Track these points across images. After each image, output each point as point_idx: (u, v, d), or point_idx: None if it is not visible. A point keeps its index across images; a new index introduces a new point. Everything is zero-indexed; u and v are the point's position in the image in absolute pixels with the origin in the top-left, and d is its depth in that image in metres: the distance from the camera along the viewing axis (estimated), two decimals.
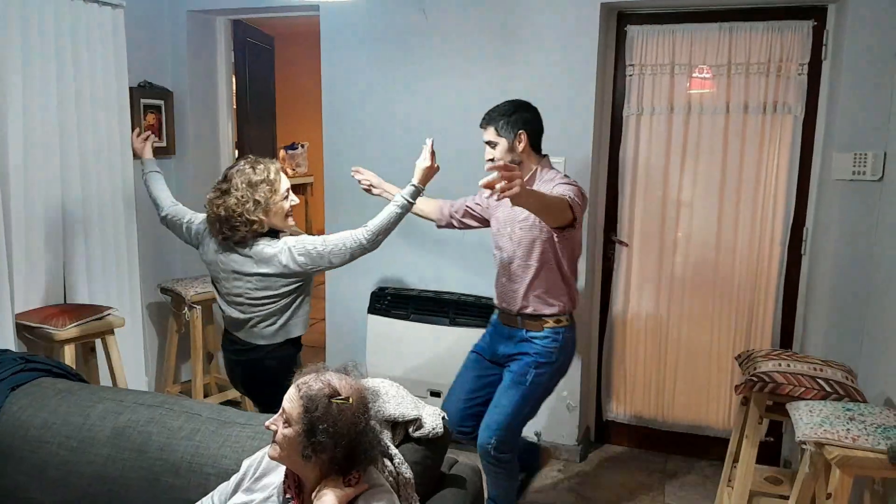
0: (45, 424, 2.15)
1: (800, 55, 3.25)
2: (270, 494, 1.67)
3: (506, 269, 2.80)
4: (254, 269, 2.50)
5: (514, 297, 2.77)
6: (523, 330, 2.78)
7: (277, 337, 2.63)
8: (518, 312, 2.78)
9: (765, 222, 3.42)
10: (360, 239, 2.55)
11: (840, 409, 2.24)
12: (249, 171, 2.48)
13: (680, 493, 3.33)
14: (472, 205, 3.01)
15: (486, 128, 2.73)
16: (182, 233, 2.74)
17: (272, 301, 2.56)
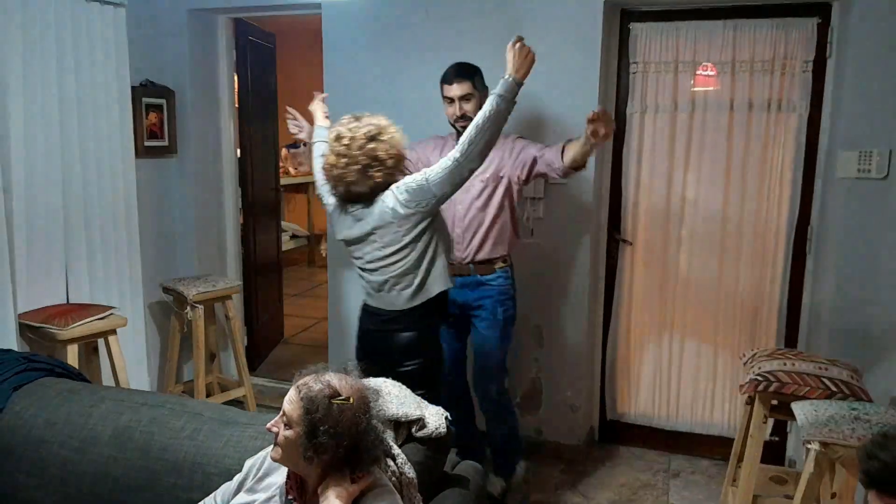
0: (48, 424, 2.15)
1: (804, 53, 3.24)
2: (273, 494, 1.67)
3: (460, 221, 2.92)
4: (374, 225, 2.46)
5: (468, 246, 2.93)
6: (476, 275, 2.96)
7: (416, 299, 2.53)
8: (471, 261, 2.95)
9: (769, 221, 3.41)
10: (453, 156, 2.41)
11: (845, 408, 2.23)
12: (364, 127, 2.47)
13: (684, 493, 3.32)
14: (406, 162, 2.89)
15: (462, 82, 2.84)
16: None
17: (403, 255, 2.47)
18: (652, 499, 3.28)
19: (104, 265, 3.54)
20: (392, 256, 2.48)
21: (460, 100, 2.84)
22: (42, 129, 3.19)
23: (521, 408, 3.68)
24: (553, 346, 3.58)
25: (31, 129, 3.14)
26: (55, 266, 3.32)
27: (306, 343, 5.48)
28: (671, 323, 3.63)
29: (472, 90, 2.84)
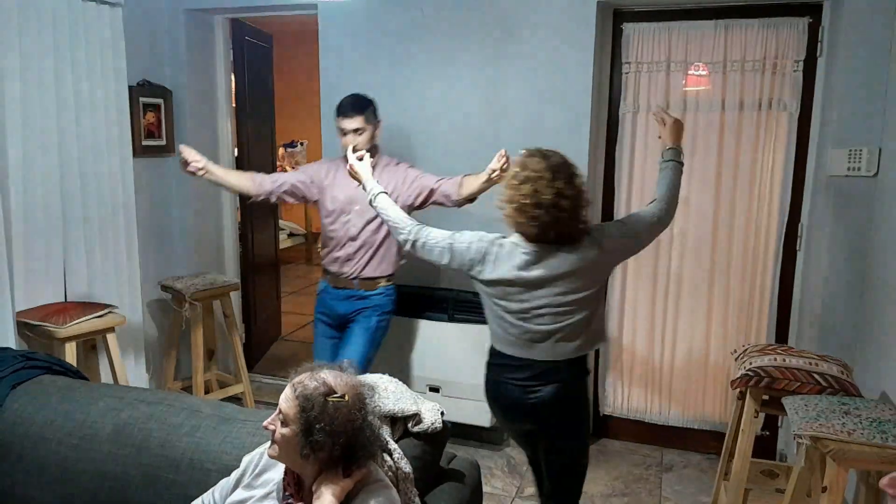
0: (46, 422, 2.16)
1: (795, 52, 3.27)
2: (270, 491, 1.68)
3: (352, 240, 3.11)
4: (571, 268, 2.19)
5: (356, 264, 3.14)
6: (360, 290, 3.17)
7: (582, 349, 2.28)
8: (356, 277, 3.15)
9: (760, 218, 3.44)
10: (657, 214, 2.34)
11: (835, 403, 2.25)
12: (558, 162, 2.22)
13: (676, 487, 3.36)
14: (298, 183, 3.20)
15: (355, 116, 2.99)
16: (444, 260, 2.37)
17: (587, 301, 2.24)
18: (645, 493, 3.31)
19: (102, 263, 3.55)
20: (577, 303, 2.22)
21: (353, 132, 2.99)
22: (40, 128, 3.20)
23: None
24: None
25: (28, 128, 3.15)
26: (53, 264, 3.33)
27: (303, 340, 5.50)
28: (663, 319, 3.66)
29: (364, 124, 3.00)
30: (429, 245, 2.37)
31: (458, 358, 3.49)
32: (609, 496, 3.27)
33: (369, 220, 3.08)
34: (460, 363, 3.49)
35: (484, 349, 3.43)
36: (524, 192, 2.15)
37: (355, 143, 2.95)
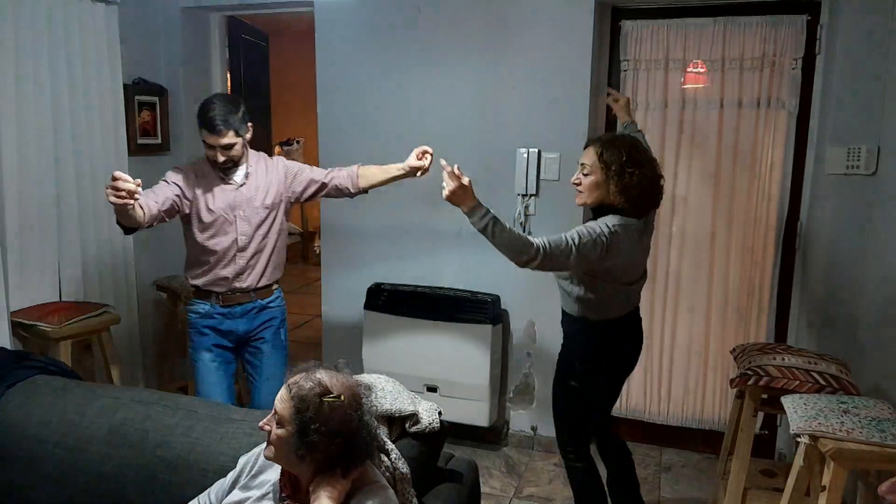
0: (42, 422, 2.15)
1: (794, 50, 3.26)
2: (267, 492, 1.67)
3: (241, 251, 2.81)
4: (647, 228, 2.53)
5: (252, 275, 2.86)
6: (258, 300, 2.91)
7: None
8: (253, 288, 2.88)
9: (759, 217, 3.43)
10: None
11: (834, 402, 2.25)
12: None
13: (675, 487, 3.35)
14: (175, 197, 2.74)
15: (227, 132, 2.65)
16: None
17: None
18: (644, 492, 3.28)
19: (97, 263, 3.54)
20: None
21: (223, 149, 2.68)
22: (34, 127, 3.18)
23: (513, 403, 3.71)
24: (545, 342, 3.59)
25: (23, 127, 3.13)
26: (48, 264, 3.32)
27: (299, 340, 5.48)
28: (662, 318, 3.65)
29: (236, 138, 2.69)
30: (555, 254, 2.24)
31: (456, 358, 3.48)
32: None
33: (259, 225, 2.81)
34: (458, 363, 3.48)
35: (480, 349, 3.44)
36: (657, 171, 2.39)
37: (224, 158, 2.69)
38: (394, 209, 3.71)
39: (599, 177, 2.36)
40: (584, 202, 2.45)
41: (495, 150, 3.50)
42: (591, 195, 2.40)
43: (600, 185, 2.36)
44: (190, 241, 2.85)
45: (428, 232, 3.67)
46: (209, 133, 2.66)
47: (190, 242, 2.86)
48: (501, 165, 3.52)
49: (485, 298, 3.47)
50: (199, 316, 2.89)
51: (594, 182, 2.38)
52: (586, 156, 2.41)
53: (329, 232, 3.92)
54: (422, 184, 3.55)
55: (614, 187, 2.33)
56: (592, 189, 2.39)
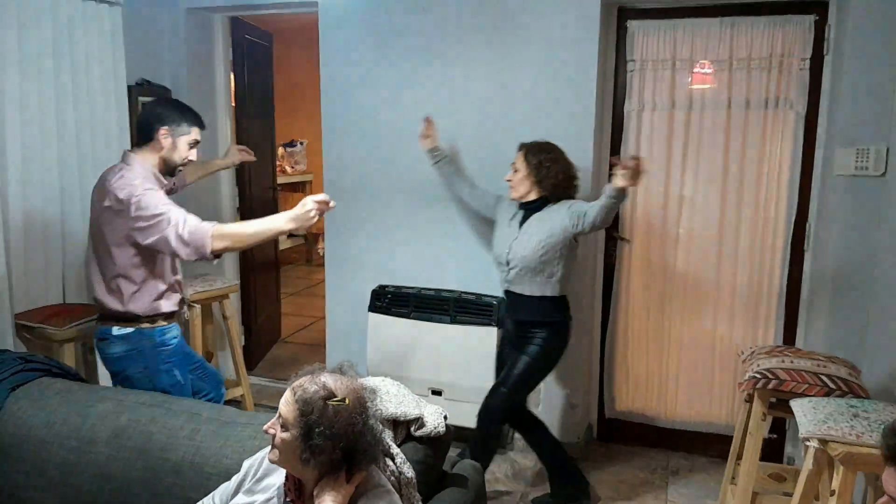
0: (46, 424, 2.15)
1: (801, 50, 3.24)
2: (271, 496, 1.66)
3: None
4: None
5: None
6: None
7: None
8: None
9: (767, 218, 3.41)
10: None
11: (843, 405, 2.23)
12: None
13: (683, 491, 3.33)
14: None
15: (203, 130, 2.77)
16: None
17: None
18: (651, 497, 3.28)
19: None
20: None
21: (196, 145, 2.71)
22: (38, 128, 3.18)
23: None
24: None
25: (27, 128, 3.13)
26: (52, 266, 3.31)
27: (304, 342, 5.48)
28: (669, 321, 3.63)
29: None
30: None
31: (461, 360, 3.46)
32: (615, 500, 3.25)
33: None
34: (463, 366, 3.46)
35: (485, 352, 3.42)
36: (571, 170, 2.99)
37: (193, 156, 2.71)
38: (398, 211, 3.70)
39: (525, 172, 2.93)
40: (515, 195, 3.00)
41: (501, 149, 3.48)
42: (519, 188, 2.96)
43: (526, 179, 2.94)
44: (159, 266, 2.59)
45: (432, 234, 3.65)
46: (200, 129, 2.69)
47: (158, 267, 2.59)
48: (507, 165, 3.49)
49: (490, 301, 3.45)
50: (174, 337, 2.68)
51: (521, 177, 2.95)
52: (517, 158, 2.99)
53: (333, 234, 3.91)
54: (427, 187, 3.55)
55: (538, 179, 2.92)
56: (520, 183, 2.96)
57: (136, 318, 2.56)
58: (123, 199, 2.41)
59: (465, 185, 3.29)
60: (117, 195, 2.42)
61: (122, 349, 2.57)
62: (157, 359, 2.60)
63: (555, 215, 2.89)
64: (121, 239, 2.46)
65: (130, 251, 2.48)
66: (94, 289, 2.59)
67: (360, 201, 3.80)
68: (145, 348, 2.58)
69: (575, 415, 3.62)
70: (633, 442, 3.79)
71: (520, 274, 2.95)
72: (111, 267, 2.51)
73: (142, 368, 2.58)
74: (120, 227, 2.44)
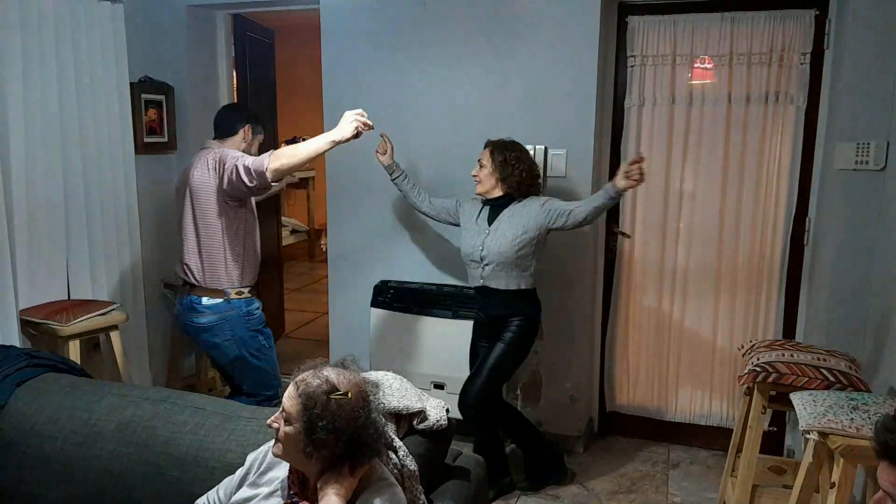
0: (51, 420, 2.16)
1: (802, 45, 3.24)
2: (275, 489, 1.67)
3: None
4: None
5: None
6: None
7: None
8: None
9: (767, 213, 3.42)
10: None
11: (843, 398, 2.24)
12: None
13: (683, 484, 3.34)
14: None
15: None
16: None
17: None
18: (651, 489, 3.29)
19: (105, 261, 3.55)
20: None
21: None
22: (42, 125, 3.19)
23: (521, 400, 3.70)
24: (553, 339, 3.59)
25: (30, 125, 3.14)
26: (56, 262, 3.33)
27: (307, 337, 5.49)
28: (670, 315, 3.64)
29: None
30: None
31: (463, 354, 3.47)
32: (615, 493, 3.26)
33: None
34: (464, 360, 3.46)
35: None
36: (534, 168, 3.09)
37: None
38: (400, 207, 3.71)
39: (490, 168, 3.01)
40: (481, 190, 3.07)
41: None
42: (485, 183, 3.04)
43: (492, 175, 3.01)
44: (243, 232, 2.96)
45: (434, 230, 3.66)
46: (262, 131, 3.14)
47: (243, 233, 2.96)
48: None
49: None
50: (261, 313, 3.08)
51: (487, 173, 3.02)
52: (483, 155, 3.05)
53: (335, 230, 3.92)
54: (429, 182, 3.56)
55: (503, 176, 3.00)
56: (486, 179, 3.03)
57: (224, 289, 2.93)
58: (218, 161, 2.82)
59: (424, 199, 3.30)
60: (215, 161, 2.83)
61: (211, 319, 2.93)
62: (244, 326, 2.98)
63: (526, 211, 2.97)
64: (212, 204, 2.85)
65: (220, 223, 2.87)
66: (186, 260, 2.93)
67: (362, 197, 3.81)
68: (232, 318, 2.94)
69: (576, 408, 3.64)
70: (634, 435, 3.81)
71: (496, 270, 3.00)
72: (203, 241, 2.89)
73: (229, 336, 2.96)
74: (212, 191, 2.84)
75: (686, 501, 3.20)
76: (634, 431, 3.81)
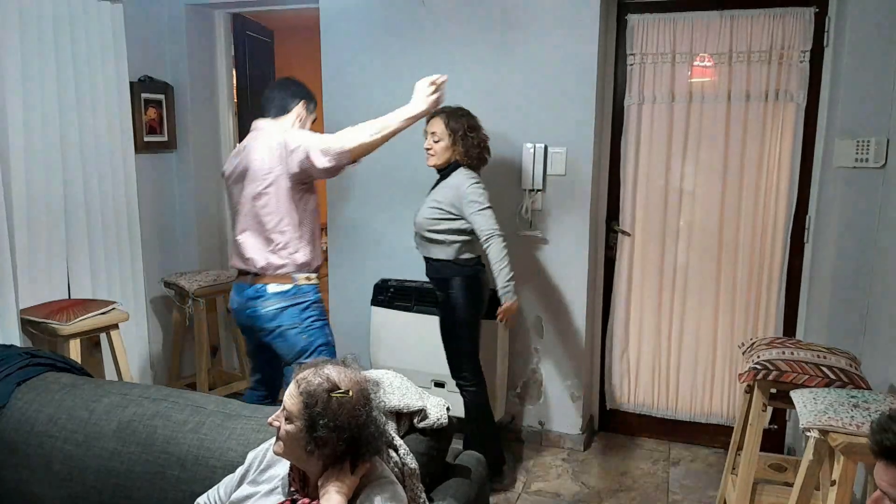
0: (51, 419, 2.16)
1: (801, 42, 3.24)
2: (276, 486, 1.67)
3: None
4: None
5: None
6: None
7: None
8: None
9: (767, 210, 3.42)
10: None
11: (844, 396, 2.24)
12: None
13: (684, 482, 3.34)
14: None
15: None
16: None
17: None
18: (652, 487, 3.29)
19: (105, 260, 3.55)
20: None
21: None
22: (41, 125, 3.19)
23: (521, 398, 3.70)
24: (553, 337, 3.59)
25: (30, 125, 3.14)
26: (56, 262, 3.33)
27: None
28: (670, 313, 3.64)
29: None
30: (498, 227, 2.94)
31: None
32: (616, 491, 3.26)
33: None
34: None
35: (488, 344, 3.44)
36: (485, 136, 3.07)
37: None
38: (400, 206, 3.71)
39: (448, 141, 2.96)
40: (436, 163, 3.01)
41: (502, 145, 3.49)
42: (441, 157, 2.99)
43: (449, 148, 2.96)
44: (310, 215, 2.81)
45: None
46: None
47: (310, 216, 2.81)
48: (508, 161, 3.51)
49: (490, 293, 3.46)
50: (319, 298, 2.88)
51: (444, 146, 2.97)
52: (435, 125, 2.99)
53: (335, 228, 3.92)
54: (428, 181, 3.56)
55: (461, 148, 2.95)
56: (443, 152, 2.98)
57: (291, 275, 2.74)
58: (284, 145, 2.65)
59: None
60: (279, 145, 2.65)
61: (278, 306, 2.72)
62: (313, 314, 2.78)
63: (448, 190, 2.96)
64: (279, 189, 2.66)
65: (288, 207, 2.69)
66: (248, 248, 2.73)
67: (362, 196, 3.81)
68: (302, 305, 2.75)
69: (576, 406, 3.64)
70: (635, 433, 3.81)
71: (420, 240, 3.08)
72: (268, 227, 2.69)
73: (297, 324, 2.75)
74: (278, 175, 2.65)
75: (686, 499, 3.20)
76: (635, 429, 3.81)
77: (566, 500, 3.19)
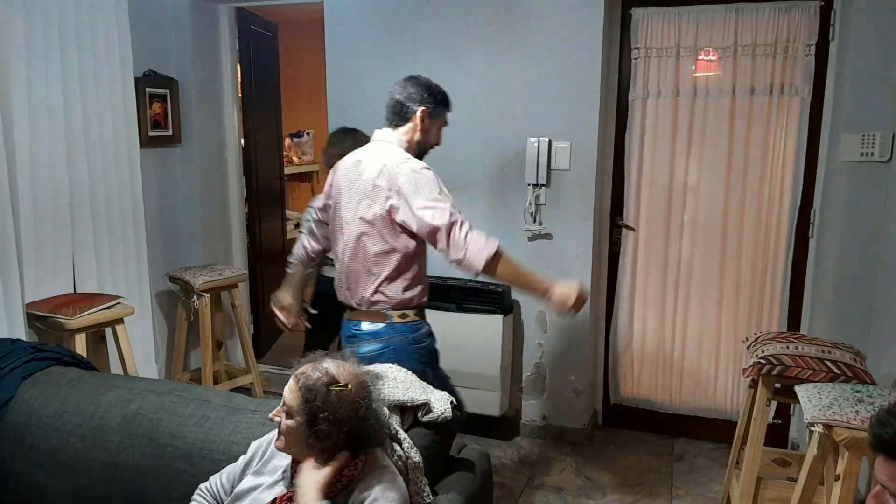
0: (57, 413, 2.17)
1: (807, 36, 3.23)
2: (279, 478, 1.68)
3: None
4: None
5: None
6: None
7: None
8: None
9: (772, 205, 3.41)
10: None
11: (848, 390, 2.23)
12: None
13: (688, 476, 3.34)
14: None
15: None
16: None
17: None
18: (656, 482, 3.30)
19: (111, 255, 3.55)
20: None
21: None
22: (46, 120, 3.19)
23: (525, 392, 3.71)
24: (556, 332, 3.59)
25: (35, 120, 3.15)
26: (62, 256, 3.34)
27: None
28: (674, 307, 3.64)
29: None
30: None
31: (467, 348, 3.48)
32: (620, 486, 3.27)
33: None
34: (469, 353, 3.48)
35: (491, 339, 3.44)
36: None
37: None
38: None
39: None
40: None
41: (506, 140, 3.49)
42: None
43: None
44: (421, 259, 2.40)
45: None
46: (448, 112, 2.53)
47: (421, 260, 2.40)
48: (512, 155, 3.51)
49: (496, 289, 3.46)
50: (431, 341, 2.50)
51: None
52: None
53: None
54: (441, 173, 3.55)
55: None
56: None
57: (384, 312, 2.37)
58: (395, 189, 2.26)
59: None
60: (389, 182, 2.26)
61: (374, 347, 2.35)
62: (413, 357, 2.36)
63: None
64: (382, 223, 2.28)
65: (388, 244, 2.31)
66: (343, 280, 2.43)
67: None
68: (398, 345, 2.36)
69: (580, 401, 3.64)
70: (638, 428, 3.81)
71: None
72: (363, 255, 2.33)
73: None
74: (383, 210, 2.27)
75: (690, 494, 3.20)
76: (639, 424, 3.81)
77: (570, 495, 3.19)
